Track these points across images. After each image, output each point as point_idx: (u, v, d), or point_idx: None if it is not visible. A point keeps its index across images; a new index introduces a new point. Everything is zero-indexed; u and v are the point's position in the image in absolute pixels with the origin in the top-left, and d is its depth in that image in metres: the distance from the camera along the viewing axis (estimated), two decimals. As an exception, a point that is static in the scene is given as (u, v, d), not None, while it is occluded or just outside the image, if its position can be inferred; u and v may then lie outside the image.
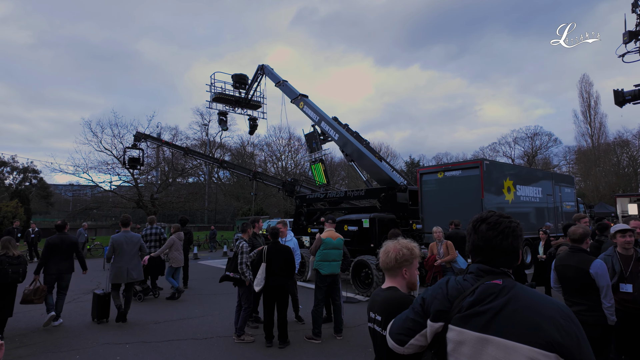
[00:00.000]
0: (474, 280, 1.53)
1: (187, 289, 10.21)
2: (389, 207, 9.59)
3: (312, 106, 13.45)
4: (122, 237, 6.95)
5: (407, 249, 2.17)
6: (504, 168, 14.09)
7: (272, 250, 5.66)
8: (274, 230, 5.80)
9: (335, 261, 5.98)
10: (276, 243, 5.75)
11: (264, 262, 5.61)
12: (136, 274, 6.94)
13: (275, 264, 5.57)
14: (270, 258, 5.60)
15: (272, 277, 5.55)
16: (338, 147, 11.99)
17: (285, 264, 5.63)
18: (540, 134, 54.24)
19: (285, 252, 5.68)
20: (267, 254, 5.63)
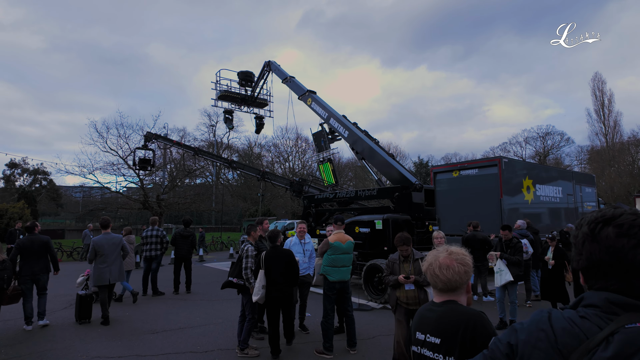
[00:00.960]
0: (602, 320, 0.93)
1: (190, 293, 9.71)
2: (404, 207, 8.98)
3: (320, 102, 12.90)
4: (103, 239, 6.93)
5: (464, 255, 1.65)
6: (522, 166, 13.37)
7: (270, 255, 5.09)
8: (272, 233, 5.26)
9: (344, 267, 5.40)
10: (275, 247, 5.20)
11: (261, 269, 5.05)
12: (117, 275, 6.98)
13: (276, 271, 5.01)
14: (269, 265, 5.04)
15: (273, 286, 4.99)
16: (348, 145, 11.42)
17: (287, 270, 5.07)
18: (552, 134, 53.02)
19: (286, 256, 5.11)
20: (266, 260, 5.07)
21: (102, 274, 6.80)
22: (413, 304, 4.40)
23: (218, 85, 16.88)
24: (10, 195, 40.10)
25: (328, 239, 5.49)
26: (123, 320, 7.13)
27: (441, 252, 1.69)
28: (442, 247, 1.78)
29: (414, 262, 4.61)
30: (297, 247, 6.37)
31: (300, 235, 6.52)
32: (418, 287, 4.46)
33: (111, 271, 6.86)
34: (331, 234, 5.67)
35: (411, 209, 8.88)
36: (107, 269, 6.83)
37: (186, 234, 9.81)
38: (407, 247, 4.64)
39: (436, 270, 1.66)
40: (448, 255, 1.67)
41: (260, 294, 4.97)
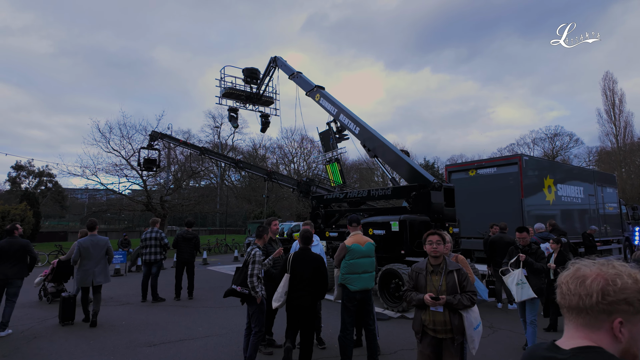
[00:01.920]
0: None
1: (192, 299, 9.12)
2: (421, 207, 8.32)
3: (329, 98, 12.29)
4: (89, 241, 6.93)
5: (630, 277, 0.99)
6: (544, 164, 12.65)
7: (298, 258, 4.49)
8: (305, 233, 4.64)
9: (366, 273, 4.77)
10: (306, 250, 4.60)
11: (287, 272, 4.45)
12: (103, 277, 6.96)
13: (302, 277, 4.41)
14: (294, 268, 4.44)
15: (297, 292, 4.38)
16: (359, 142, 10.80)
17: (315, 277, 4.45)
18: (561, 135, 51.99)
19: (315, 261, 4.50)
20: (292, 262, 4.48)
21: (86, 275, 6.80)
22: (442, 331, 3.30)
23: (223, 82, 16.34)
24: (16, 197, 39.91)
25: (344, 242, 4.86)
26: (119, 330, 6.54)
27: (592, 262, 1.05)
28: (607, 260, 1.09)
29: (447, 274, 3.38)
30: None
31: None
32: (451, 310, 3.30)
33: (95, 273, 6.85)
34: (348, 237, 5.04)
35: (429, 210, 8.22)
36: (91, 271, 6.83)
37: (189, 236, 9.23)
38: (439, 250, 3.44)
39: (568, 280, 1.02)
40: (600, 265, 1.02)
41: (282, 301, 4.39)
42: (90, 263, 6.84)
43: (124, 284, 11.58)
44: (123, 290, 10.30)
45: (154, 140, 16.14)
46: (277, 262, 5.37)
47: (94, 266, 6.85)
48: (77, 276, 6.92)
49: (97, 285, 6.92)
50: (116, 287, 10.85)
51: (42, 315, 7.61)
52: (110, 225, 49.29)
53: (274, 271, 5.27)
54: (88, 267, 6.83)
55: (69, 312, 6.85)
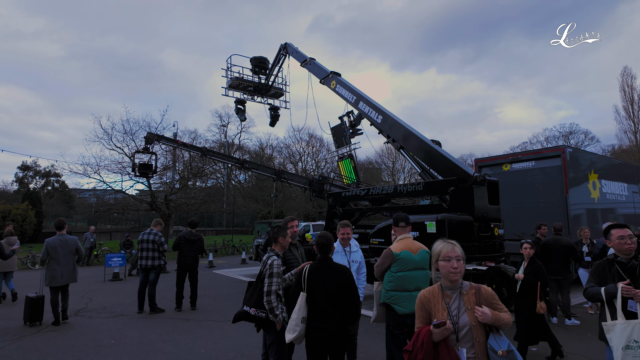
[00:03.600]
0: None
1: (195, 310, 8.00)
2: (462, 205, 7.10)
3: (346, 84, 11.11)
4: (57, 241, 6.90)
5: None
6: (588, 158, 11.30)
7: (316, 272, 3.29)
8: (322, 239, 3.42)
9: (418, 290, 3.57)
10: (326, 261, 3.38)
11: (303, 291, 3.26)
12: (70, 276, 6.96)
13: (324, 297, 3.20)
14: (312, 285, 3.24)
15: (319, 320, 3.18)
16: (380, 134, 9.60)
17: (342, 297, 3.22)
18: (576, 133, 50.19)
19: (339, 275, 3.28)
20: (309, 277, 3.28)
21: (55, 275, 6.78)
22: None
23: (229, 72, 15.24)
24: (19, 197, 39.40)
25: (390, 249, 3.68)
26: (107, 352, 5.43)
27: None
28: None
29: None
30: (341, 258, 4.58)
31: (345, 242, 4.70)
32: None
33: (63, 272, 6.85)
34: (394, 241, 3.86)
35: (471, 208, 6.99)
36: (59, 270, 6.81)
37: (192, 238, 8.11)
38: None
39: None
40: None
41: (298, 330, 3.17)
42: (58, 263, 6.82)
43: (121, 290, 10.52)
44: (119, 298, 9.23)
45: (150, 142, 15.07)
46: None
47: (63, 266, 6.84)
48: (46, 276, 6.85)
49: (65, 285, 6.95)
50: (112, 294, 9.80)
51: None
52: (116, 225, 48.67)
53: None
54: (56, 267, 6.80)
55: (36, 312, 6.79)
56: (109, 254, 13.47)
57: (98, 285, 11.44)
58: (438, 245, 2.32)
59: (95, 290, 10.52)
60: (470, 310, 2.13)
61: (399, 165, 48.09)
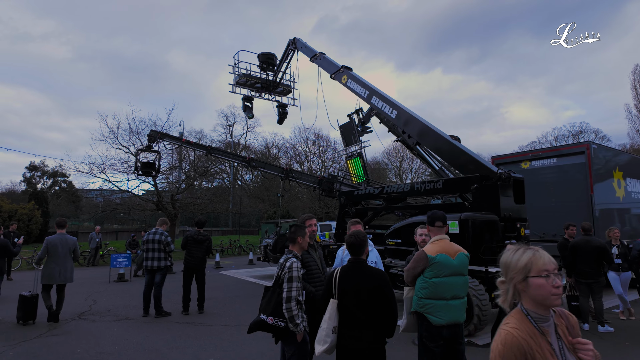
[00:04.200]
0: None
1: (202, 314, 7.64)
2: (485, 203, 6.67)
3: (358, 79, 10.70)
4: (57, 239, 6.89)
5: None
6: (614, 155, 10.76)
7: (349, 276, 2.90)
8: (353, 238, 2.99)
9: (457, 299, 3.18)
10: (359, 264, 2.97)
11: (334, 298, 2.87)
12: (68, 275, 6.96)
13: (357, 306, 2.81)
14: (344, 291, 2.85)
15: (351, 330, 2.78)
16: (396, 128, 9.21)
17: (377, 304, 2.82)
18: (586, 132, 49.24)
19: (374, 279, 2.87)
20: (340, 282, 2.88)
21: (52, 273, 6.79)
22: None
23: (236, 68, 14.90)
24: (26, 197, 39.51)
25: (424, 250, 3.26)
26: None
27: None
28: None
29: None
30: None
31: None
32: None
33: (60, 271, 6.84)
34: (427, 242, 3.44)
35: (497, 206, 6.55)
36: (57, 269, 6.80)
37: (200, 238, 7.75)
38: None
39: None
40: None
41: (329, 342, 2.78)
42: (56, 261, 6.80)
43: (127, 291, 10.20)
44: (124, 301, 8.91)
45: (153, 141, 14.73)
46: (313, 276, 3.80)
47: (61, 264, 6.82)
48: (43, 273, 6.84)
49: (61, 285, 6.92)
50: (117, 296, 9.48)
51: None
52: (122, 225, 48.67)
53: (312, 289, 3.72)
54: (54, 265, 6.78)
55: (30, 311, 6.77)
56: (114, 254, 13.19)
57: (103, 286, 11.14)
58: (520, 253, 1.53)
59: (99, 291, 10.21)
60: (572, 349, 1.49)
61: (407, 165, 47.58)
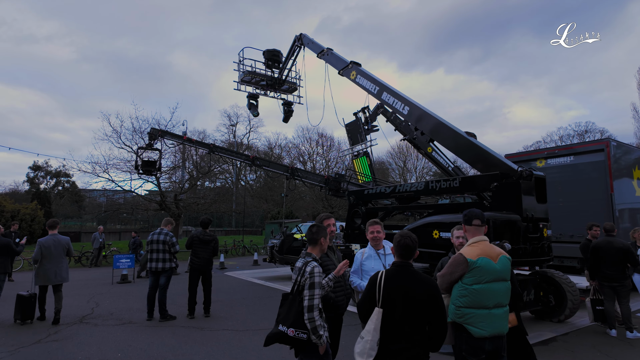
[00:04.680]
0: None
1: (209, 317, 7.34)
2: (506, 203, 6.34)
3: (368, 74, 10.39)
4: (50, 240, 6.95)
5: None
6: (633, 152, 10.40)
7: (396, 280, 2.60)
8: (407, 239, 2.69)
9: (500, 307, 2.86)
10: (407, 267, 2.68)
11: (378, 306, 2.56)
12: (63, 276, 7.03)
13: (404, 315, 2.51)
14: (390, 299, 2.55)
15: (397, 342, 2.48)
16: (404, 126, 8.89)
17: (425, 315, 2.54)
18: (592, 131, 48.74)
19: (426, 286, 2.58)
20: (386, 289, 2.58)
21: (48, 274, 6.86)
22: None
23: (241, 65, 14.61)
24: (29, 197, 39.41)
25: (462, 253, 2.94)
26: (111, 368, 4.79)
27: None
28: None
29: None
30: (375, 263, 3.88)
31: (376, 244, 3.99)
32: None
33: (56, 272, 6.91)
34: (464, 244, 3.12)
35: (519, 206, 6.22)
36: (52, 270, 6.88)
37: (206, 238, 7.45)
38: None
39: None
40: None
41: (374, 355, 2.47)
42: (50, 262, 6.87)
43: (130, 293, 9.93)
44: (127, 303, 8.63)
45: (154, 139, 14.43)
46: (338, 284, 3.50)
47: (54, 265, 6.88)
48: (38, 274, 6.89)
49: (58, 284, 6.97)
50: (120, 298, 9.21)
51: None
52: (126, 225, 48.49)
53: (333, 295, 3.41)
54: (49, 266, 6.85)
55: (28, 310, 6.83)
56: (117, 254, 12.93)
57: (105, 288, 10.88)
58: None
59: (102, 293, 9.95)
60: None
61: (411, 165, 47.19)
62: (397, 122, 13.07)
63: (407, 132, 12.70)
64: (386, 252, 3.92)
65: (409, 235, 2.78)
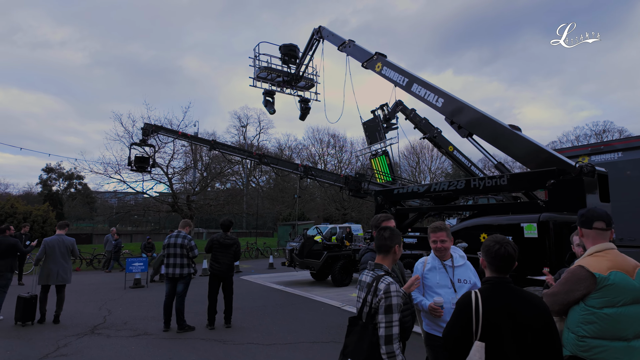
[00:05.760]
0: None
1: (230, 328, 6.72)
2: (566, 202, 5.60)
3: (395, 66, 9.71)
4: (55, 240, 6.96)
5: None
6: (689, 148, 9.50)
7: (499, 303, 1.96)
8: (509, 247, 2.05)
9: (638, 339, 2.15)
10: (506, 284, 2.04)
11: (476, 339, 1.90)
12: (66, 276, 7.01)
13: (512, 348, 1.86)
14: (492, 327, 1.90)
15: None
16: (443, 117, 8.16)
17: (537, 348, 1.87)
18: (610, 130, 47.23)
19: (536, 309, 1.94)
20: (486, 313, 1.94)
21: (50, 273, 6.83)
22: None
23: (257, 61, 14.05)
24: (42, 199, 39.53)
25: (584, 266, 2.24)
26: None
27: None
28: None
29: None
30: (440, 277, 3.10)
31: (442, 253, 3.17)
32: None
33: (58, 272, 6.87)
34: (585, 255, 2.41)
35: (583, 206, 5.46)
36: (55, 269, 6.84)
37: (227, 242, 6.84)
38: None
39: None
40: None
41: None
42: (54, 262, 6.83)
43: (144, 299, 9.36)
44: (141, 311, 8.05)
45: (148, 134, 13.91)
46: (405, 302, 2.81)
47: (57, 265, 6.84)
48: (41, 274, 6.87)
49: (60, 285, 6.96)
50: (133, 305, 8.65)
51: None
52: (137, 227, 48.43)
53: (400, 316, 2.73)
54: (52, 266, 6.83)
55: (29, 312, 6.77)
56: (130, 257, 12.43)
57: (118, 293, 10.35)
58: None
59: (114, 299, 9.41)
60: None
61: (425, 165, 46.23)
62: (417, 120, 12.35)
63: (428, 130, 11.98)
64: (455, 262, 3.17)
65: (508, 242, 2.13)
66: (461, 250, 3.34)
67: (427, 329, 3.06)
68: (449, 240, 3.17)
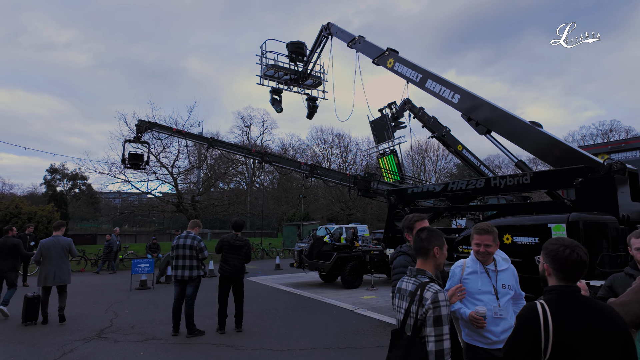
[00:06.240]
0: None
1: (241, 332, 6.48)
2: (595, 201, 5.32)
3: (408, 61, 9.45)
4: (51, 242, 6.98)
5: None
6: None
7: (572, 317, 1.67)
8: (581, 251, 1.75)
9: None
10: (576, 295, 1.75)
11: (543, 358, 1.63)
12: (64, 277, 6.99)
13: None
14: (566, 347, 1.63)
15: None
16: (460, 113, 7.87)
17: None
18: (617, 130, 46.67)
19: (612, 324, 1.67)
20: (557, 330, 1.65)
21: (47, 275, 6.84)
22: None
23: (264, 58, 13.82)
24: (46, 199, 39.53)
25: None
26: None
27: None
28: None
29: None
30: (482, 283, 2.81)
31: (485, 258, 2.84)
32: None
33: (55, 273, 6.88)
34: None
35: (614, 205, 5.19)
36: (52, 270, 6.86)
37: (238, 244, 6.61)
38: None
39: None
40: None
41: None
42: (50, 263, 6.85)
43: (151, 302, 9.14)
44: (148, 314, 7.83)
45: (142, 131, 13.59)
46: None
47: (55, 266, 6.87)
48: (40, 276, 6.90)
49: (61, 286, 7.00)
50: (140, 308, 8.43)
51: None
52: (141, 227, 48.39)
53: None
54: (49, 267, 6.84)
55: (32, 312, 6.90)
56: (135, 259, 12.23)
57: (124, 295, 10.14)
58: None
59: (121, 301, 9.19)
60: None
61: (431, 165, 45.88)
62: (425, 119, 12.08)
63: (436, 129, 11.72)
64: (498, 266, 2.90)
65: (578, 245, 1.84)
66: (503, 252, 3.07)
67: (468, 340, 2.79)
68: (494, 245, 2.83)
